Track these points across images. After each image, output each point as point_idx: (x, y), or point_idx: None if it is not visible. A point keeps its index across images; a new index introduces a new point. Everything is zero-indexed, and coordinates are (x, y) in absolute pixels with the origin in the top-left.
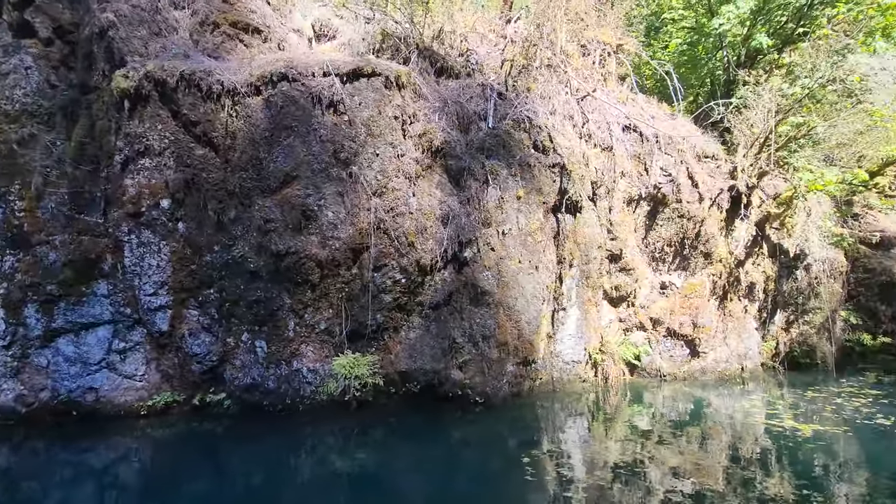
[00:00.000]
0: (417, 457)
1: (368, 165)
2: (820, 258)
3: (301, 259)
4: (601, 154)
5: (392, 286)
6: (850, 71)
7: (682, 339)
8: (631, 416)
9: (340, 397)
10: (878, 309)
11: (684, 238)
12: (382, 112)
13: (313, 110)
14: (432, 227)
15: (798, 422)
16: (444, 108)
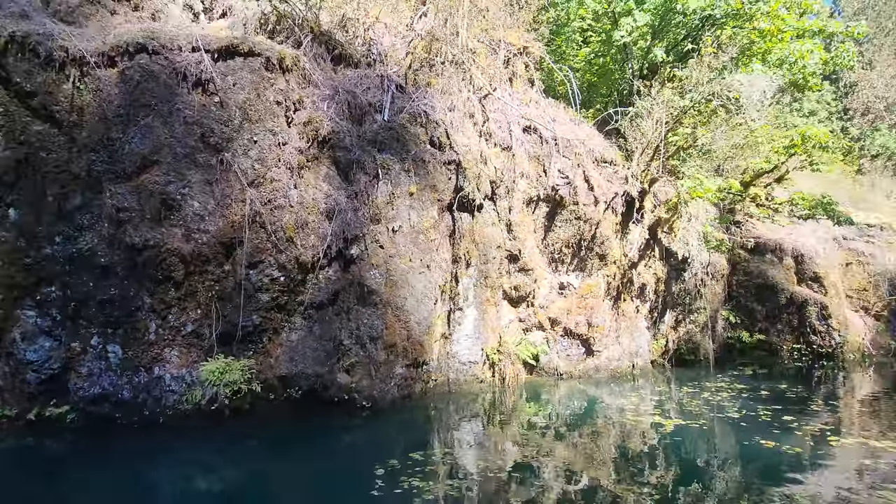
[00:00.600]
0: (292, 468)
1: (244, 153)
2: (703, 261)
3: (162, 253)
4: (501, 154)
5: (270, 284)
6: (727, 87)
7: (578, 338)
8: (528, 415)
9: (209, 406)
10: (755, 309)
11: (581, 240)
12: (262, 96)
13: (177, 88)
14: (315, 222)
15: (664, 417)
16: (335, 96)
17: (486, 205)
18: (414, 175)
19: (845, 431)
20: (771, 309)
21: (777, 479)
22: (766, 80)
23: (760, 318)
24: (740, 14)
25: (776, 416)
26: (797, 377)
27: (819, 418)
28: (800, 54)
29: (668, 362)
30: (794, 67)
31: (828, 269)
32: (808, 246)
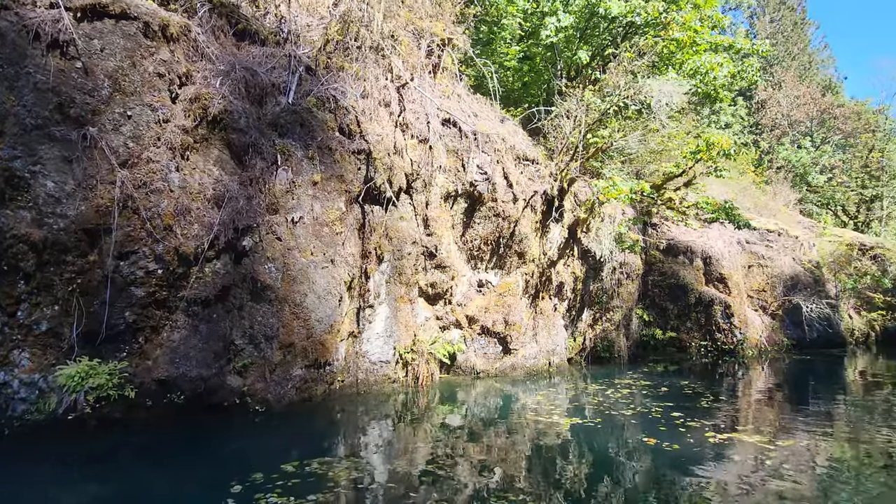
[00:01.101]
0: (138, 486)
1: (114, 128)
2: (619, 261)
3: (7, 240)
4: (418, 146)
5: (145, 278)
6: (639, 91)
7: (495, 336)
8: (442, 415)
9: (67, 416)
10: (668, 307)
11: (500, 237)
12: (138, 65)
13: (28, 49)
14: (200, 210)
15: (563, 416)
16: (231, 73)
17: (401, 198)
18: (319, 163)
19: (724, 427)
20: (682, 308)
21: (649, 476)
22: (675, 86)
23: (673, 316)
24: (658, 23)
25: (666, 412)
26: (702, 373)
27: (706, 415)
28: (710, 66)
29: (584, 360)
30: (705, 78)
31: (732, 271)
32: (716, 249)
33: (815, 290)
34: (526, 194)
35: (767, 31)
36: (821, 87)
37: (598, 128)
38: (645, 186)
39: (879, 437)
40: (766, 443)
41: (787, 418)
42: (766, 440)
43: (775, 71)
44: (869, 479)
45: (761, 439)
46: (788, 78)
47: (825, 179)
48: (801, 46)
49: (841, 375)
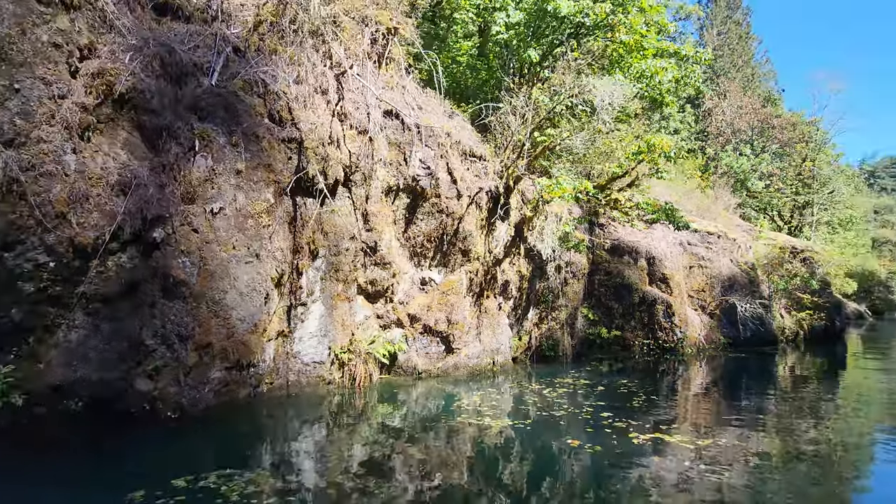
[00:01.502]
0: None
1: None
2: (566, 260)
3: None
4: (357, 137)
5: (35, 271)
6: (583, 89)
7: (438, 335)
8: (380, 417)
9: None
10: (613, 306)
11: (444, 234)
12: (29, 32)
13: None
14: (101, 197)
15: (496, 418)
16: (144, 48)
17: (339, 192)
18: (244, 151)
19: (649, 427)
20: (626, 307)
21: (559, 481)
22: (618, 87)
23: (618, 315)
24: (605, 24)
25: (597, 412)
26: (643, 371)
27: (635, 414)
28: (655, 70)
29: (529, 359)
30: (651, 82)
31: (674, 272)
32: (659, 249)
33: (749, 291)
34: (471, 191)
35: (715, 43)
36: (762, 99)
37: (547, 126)
38: (588, 186)
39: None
40: (688, 442)
41: (716, 416)
42: (689, 440)
43: (721, 81)
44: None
45: (683, 439)
46: (733, 88)
47: (763, 186)
48: (746, 59)
49: (772, 372)
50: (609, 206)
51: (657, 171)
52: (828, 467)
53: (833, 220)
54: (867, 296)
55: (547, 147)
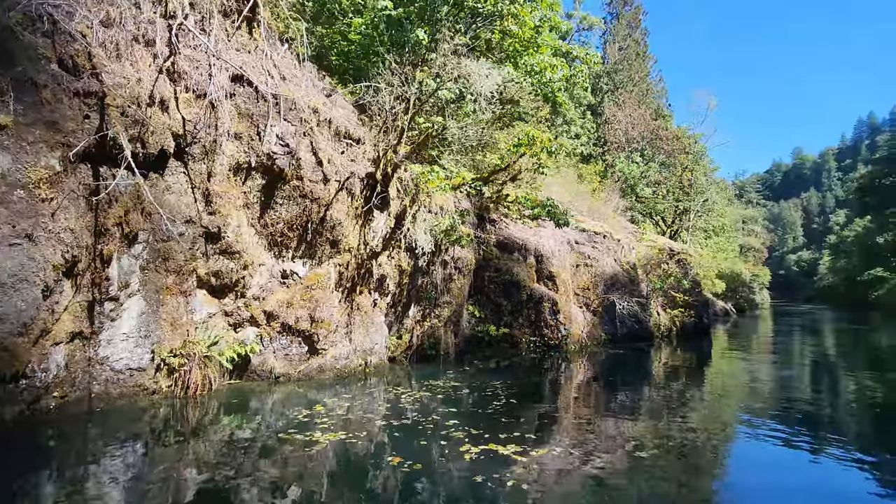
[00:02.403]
0: None
1: None
2: (452, 256)
3: None
4: (195, 102)
5: None
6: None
7: (300, 335)
8: (226, 429)
9: None
10: (502, 303)
11: (308, 222)
12: None
13: None
14: None
15: (331, 431)
16: None
17: (172, 166)
18: (14, 101)
19: (489, 437)
20: (515, 304)
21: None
22: (493, 70)
23: (506, 312)
24: (496, 12)
25: (445, 420)
26: (527, 368)
27: (483, 422)
28: (543, 65)
29: (409, 359)
30: (542, 77)
31: (561, 269)
32: (548, 247)
33: (630, 289)
34: (341, 175)
35: (616, 58)
36: (654, 113)
37: (433, 113)
38: (466, 175)
39: (655, 434)
40: (520, 454)
41: (570, 420)
42: (522, 450)
43: (620, 93)
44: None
45: (516, 450)
46: (629, 100)
47: (651, 192)
48: (642, 76)
49: (646, 367)
50: (492, 200)
51: (539, 166)
52: (682, 460)
53: (708, 227)
54: (733, 295)
55: (430, 135)
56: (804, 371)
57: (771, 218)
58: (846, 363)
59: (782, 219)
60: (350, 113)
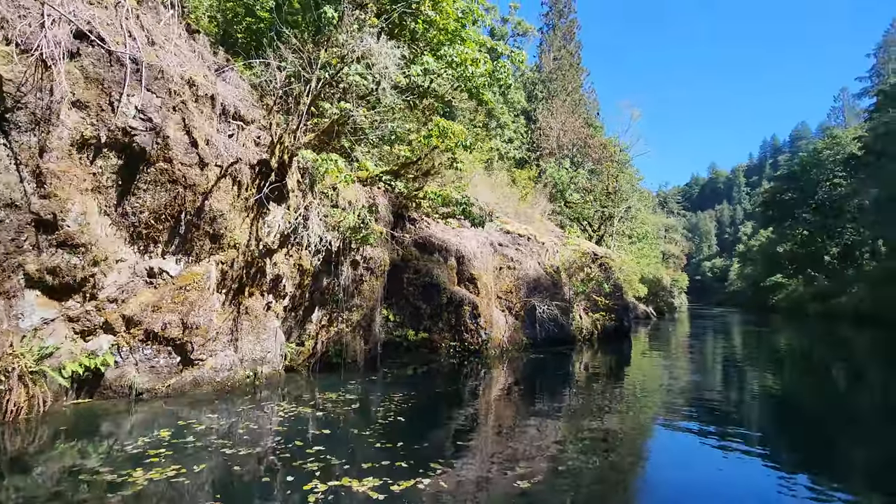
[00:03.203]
0: None
1: None
2: (364, 255)
3: None
4: (20, 59)
5: None
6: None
7: (169, 343)
8: (64, 459)
9: None
10: (422, 307)
11: (182, 212)
12: None
13: None
14: None
15: (161, 466)
16: None
17: None
18: None
19: (349, 469)
20: (435, 307)
21: None
22: (396, 51)
23: (426, 316)
24: None
25: (308, 446)
26: (444, 375)
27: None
28: (464, 56)
29: (312, 368)
30: (464, 71)
31: (482, 272)
32: (469, 249)
33: (553, 293)
34: (224, 160)
35: (551, 67)
36: (584, 122)
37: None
38: (368, 165)
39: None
40: (379, 490)
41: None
42: (383, 485)
43: (553, 101)
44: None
45: (375, 484)
46: (562, 108)
47: (579, 197)
48: (575, 86)
49: (568, 371)
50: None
51: (453, 161)
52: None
53: (633, 233)
54: (654, 299)
55: (337, 122)
56: (715, 370)
57: (689, 227)
58: (751, 363)
59: (699, 228)
60: (246, 93)
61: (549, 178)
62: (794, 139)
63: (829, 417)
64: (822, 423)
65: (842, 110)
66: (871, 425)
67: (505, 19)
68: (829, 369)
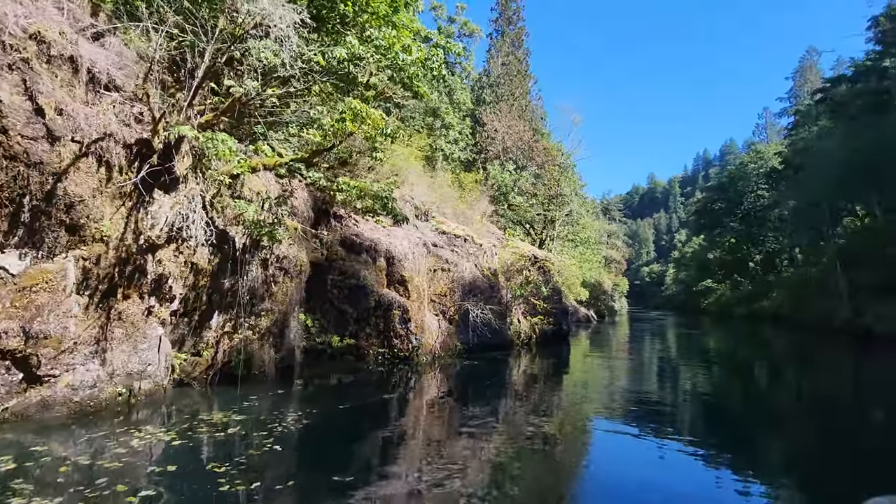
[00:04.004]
0: None
1: None
2: (278, 254)
3: None
4: None
5: None
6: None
7: (6, 357)
8: None
9: None
10: (348, 311)
11: (26, 196)
12: None
13: None
14: None
15: None
16: None
17: None
18: None
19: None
20: (362, 311)
21: None
22: (295, 14)
23: (352, 321)
24: None
25: (126, 492)
26: (375, 384)
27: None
28: (391, 41)
29: (209, 381)
30: (394, 57)
31: (414, 274)
32: (400, 249)
33: (490, 296)
34: (85, 136)
35: (499, 72)
36: (530, 127)
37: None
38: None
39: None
40: None
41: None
42: None
43: (500, 106)
44: None
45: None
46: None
47: (522, 200)
48: (522, 92)
49: (504, 376)
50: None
51: (373, 149)
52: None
53: (575, 238)
54: (595, 302)
55: (238, 100)
56: (652, 372)
57: (630, 234)
58: (683, 363)
59: (639, 235)
60: (128, 62)
61: (492, 179)
62: (724, 153)
63: (752, 413)
64: (745, 418)
65: (764, 128)
66: (787, 420)
67: (452, 19)
68: (751, 368)
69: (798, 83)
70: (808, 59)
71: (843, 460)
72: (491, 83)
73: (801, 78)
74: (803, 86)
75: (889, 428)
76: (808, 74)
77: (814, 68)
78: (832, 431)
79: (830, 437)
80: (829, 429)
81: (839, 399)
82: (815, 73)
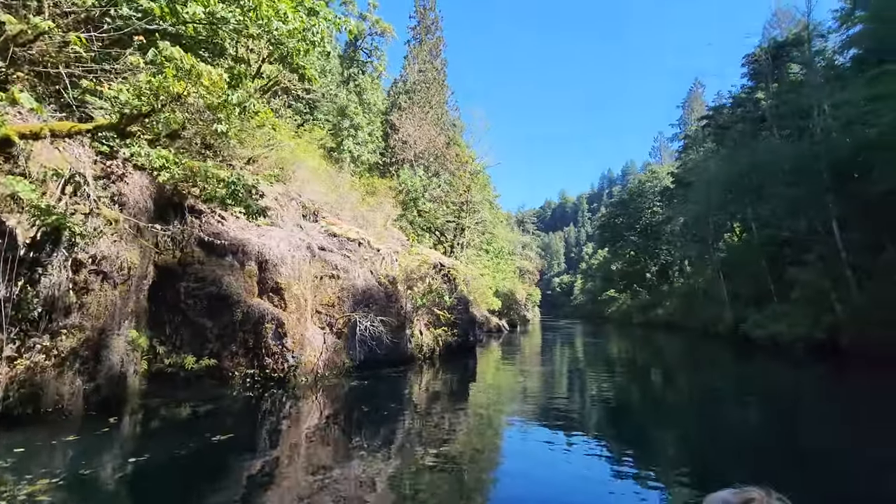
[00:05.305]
0: None
1: None
2: (91, 254)
3: None
4: None
5: None
6: None
7: None
8: None
9: None
10: (207, 325)
11: None
12: None
13: None
14: None
15: None
16: None
17: None
18: None
19: None
20: (226, 326)
21: None
22: None
23: (213, 337)
24: None
25: None
26: (240, 413)
27: None
28: (262, 3)
29: None
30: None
31: (292, 280)
32: (277, 252)
33: (386, 306)
34: None
35: (415, 78)
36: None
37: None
38: (39, 109)
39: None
40: None
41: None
42: None
43: (413, 110)
44: None
45: None
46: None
47: (432, 206)
48: (439, 101)
49: (402, 395)
50: (148, 168)
51: (216, 120)
52: None
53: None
54: (508, 312)
55: (15, 41)
56: (560, 380)
57: (543, 246)
58: (589, 368)
59: (550, 247)
60: None
61: (402, 184)
62: (625, 173)
63: (649, 414)
64: (643, 418)
65: (659, 150)
66: (677, 417)
67: (363, 16)
68: (647, 373)
69: (687, 111)
70: (695, 89)
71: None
72: (407, 89)
73: (689, 106)
74: (691, 113)
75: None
76: (694, 104)
77: (699, 98)
78: (715, 427)
79: (713, 431)
80: (712, 425)
81: (721, 398)
82: (700, 102)
